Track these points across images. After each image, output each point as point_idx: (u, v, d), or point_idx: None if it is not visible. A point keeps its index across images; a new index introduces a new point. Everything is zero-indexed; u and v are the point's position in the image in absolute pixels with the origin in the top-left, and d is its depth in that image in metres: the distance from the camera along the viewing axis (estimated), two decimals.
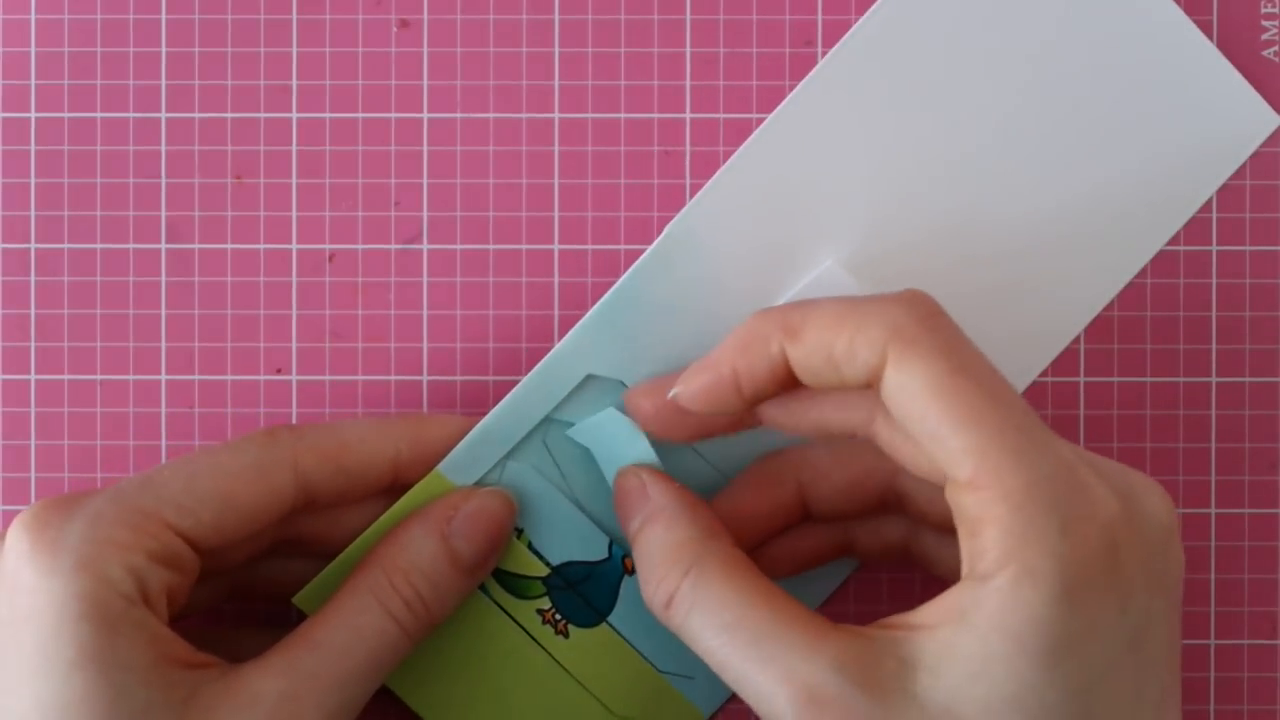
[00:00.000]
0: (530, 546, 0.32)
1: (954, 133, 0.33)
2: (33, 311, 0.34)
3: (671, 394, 0.29)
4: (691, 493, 0.30)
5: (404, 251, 0.34)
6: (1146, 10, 0.33)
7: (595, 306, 0.32)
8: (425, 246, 0.34)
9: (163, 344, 0.34)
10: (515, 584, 0.32)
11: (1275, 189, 0.34)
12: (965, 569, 0.25)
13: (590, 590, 0.32)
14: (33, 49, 0.34)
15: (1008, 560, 0.24)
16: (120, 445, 0.34)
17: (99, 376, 0.34)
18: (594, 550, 0.32)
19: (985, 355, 0.26)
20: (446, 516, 0.30)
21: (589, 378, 0.31)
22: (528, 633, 0.32)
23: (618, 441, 0.31)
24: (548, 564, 0.32)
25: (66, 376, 0.34)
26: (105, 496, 0.27)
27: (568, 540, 0.32)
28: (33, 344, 0.34)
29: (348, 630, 0.28)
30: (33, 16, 0.34)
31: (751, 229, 0.33)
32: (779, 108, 0.33)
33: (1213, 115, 0.33)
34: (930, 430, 0.25)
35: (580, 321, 0.31)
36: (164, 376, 0.34)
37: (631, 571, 0.32)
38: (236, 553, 0.30)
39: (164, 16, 0.34)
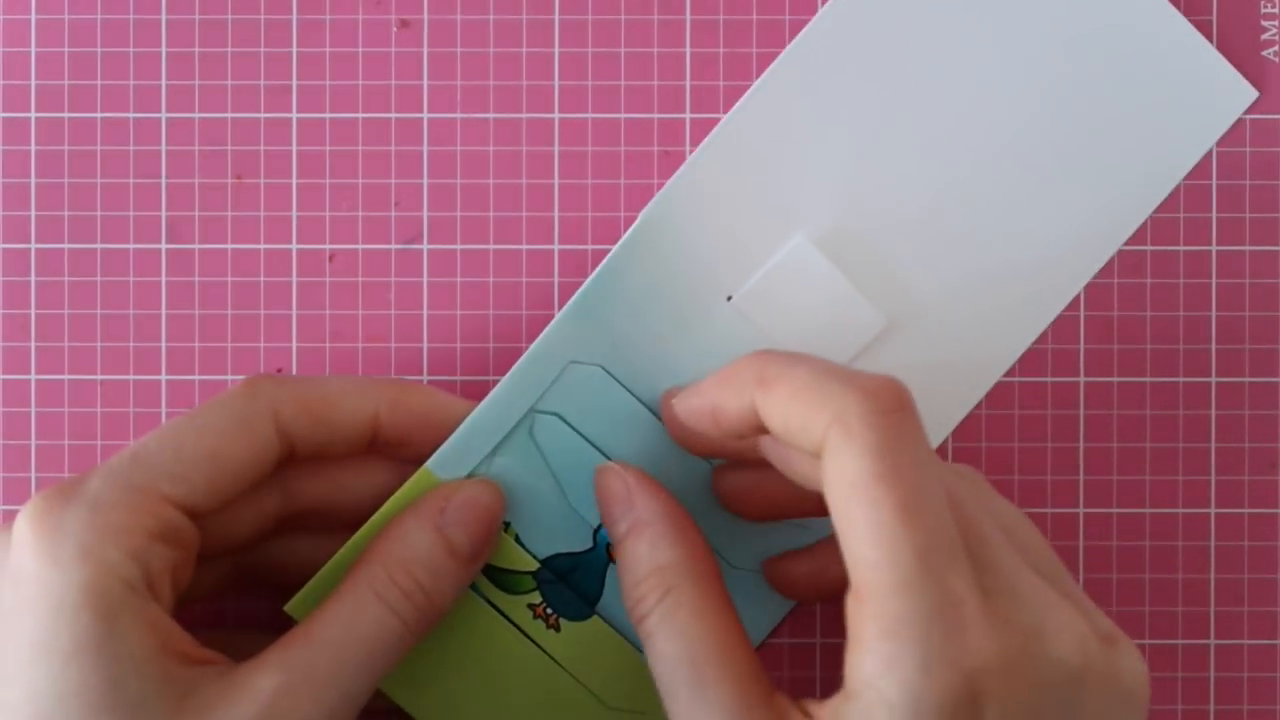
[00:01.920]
0: (518, 540, 0.32)
1: (929, 113, 0.33)
2: (33, 311, 0.34)
3: (672, 400, 0.30)
4: (677, 504, 0.30)
5: (404, 251, 0.34)
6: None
7: (574, 295, 0.32)
8: (425, 246, 0.34)
9: (163, 344, 0.34)
10: (505, 579, 0.32)
11: (1275, 189, 0.34)
12: (844, 679, 0.25)
13: (578, 580, 0.32)
14: (33, 49, 0.34)
15: (868, 685, 0.24)
16: (120, 445, 0.34)
17: (99, 376, 0.34)
18: (579, 540, 0.32)
19: (929, 462, 0.26)
20: (438, 507, 0.30)
21: (570, 364, 0.32)
22: (520, 628, 0.32)
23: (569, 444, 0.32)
24: (535, 557, 0.32)
25: (66, 376, 0.34)
26: (101, 478, 0.27)
27: (553, 532, 0.32)
28: (33, 344, 0.34)
29: (345, 625, 0.28)
30: (33, 16, 0.34)
31: (725, 212, 0.33)
32: (751, 89, 0.33)
33: (1190, 91, 0.33)
34: (840, 528, 0.25)
35: (560, 311, 0.32)
36: (164, 376, 0.34)
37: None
38: (241, 529, 0.30)
39: (164, 16, 0.34)
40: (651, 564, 0.28)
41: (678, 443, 0.31)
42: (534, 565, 0.32)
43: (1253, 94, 0.34)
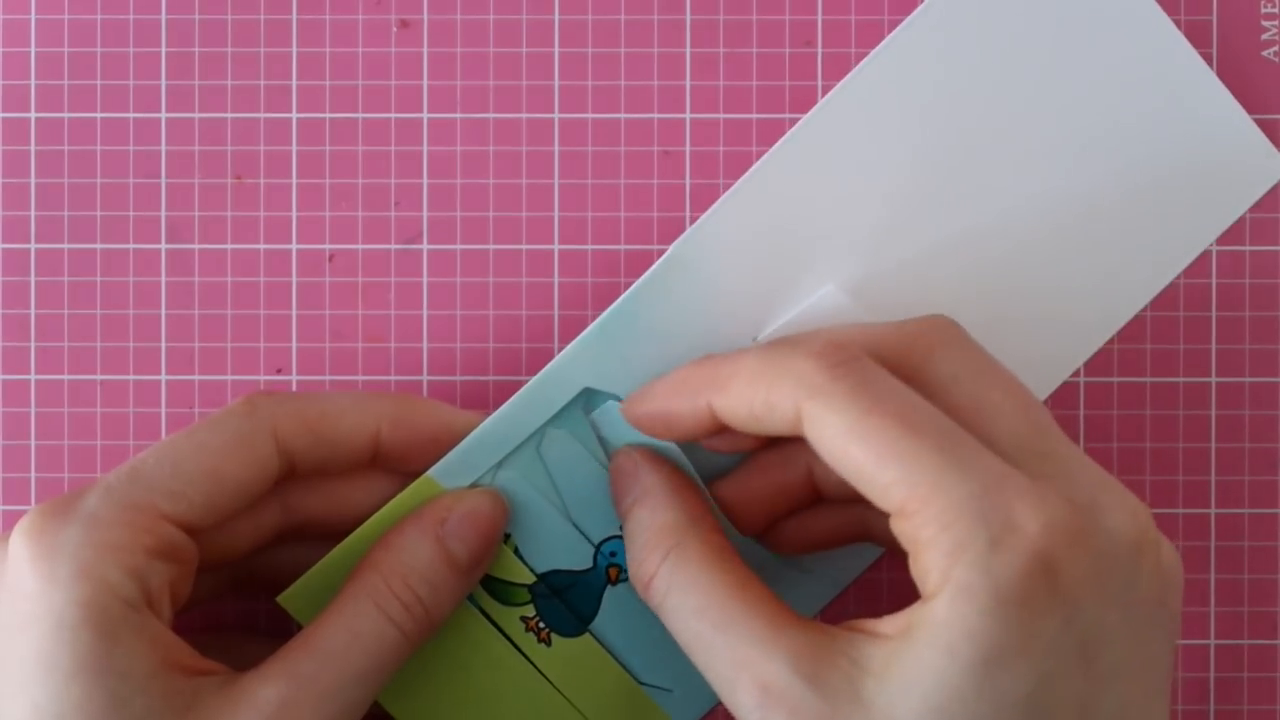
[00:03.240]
0: (517, 553, 0.32)
1: (964, 166, 0.33)
2: (33, 311, 0.34)
3: (620, 408, 0.30)
4: (681, 475, 0.30)
5: (404, 251, 0.34)
6: (1158, 46, 0.33)
7: (594, 323, 0.32)
8: (425, 246, 0.34)
9: (163, 344, 0.34)
10: (501, 590, 0.32)
11: (1275, 188, 0.34)
12: (919, 589, 0.25)
13: (574, 599, 0.32)
14: (33, 49, 0.34)
15: (944, 579, 0.24)
16: (120, 445, 0.34)
17: (99, 376, 0.34)
18: (579, 560, 0.32)
19: (901, 386, 0.26)
20: (440, 519, 0.30)
21: (585, 391, 0.31)
22: (511, 640, 0.32)
23: (625, 427, 0.31)
24: (533, 571, 0.32)
25: (66, 376, 0.34)
26: (98, 496, 0.27)
27: (554, 549, 0.32)
28: (33, 344, 0.34)
29: (346, 635, 0.28)
30: (33, 16, 0.34)
31: (752, 254, 0.32)
32: (784, 137, 0.33)
33: (1222, 156, 0.33)
34: (854, 473, 0.26)
35: (579, 336, 0.31)
36: (164, 376, 0.34)
37: (615, 582, 0.32)
38: (239, 542, 0.30)
39: (164, 16, 0.34)
40: (655, 524, 0.29)
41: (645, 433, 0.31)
42: (531, 579, 0.32)
43: None
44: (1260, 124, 0.34)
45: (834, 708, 0.25)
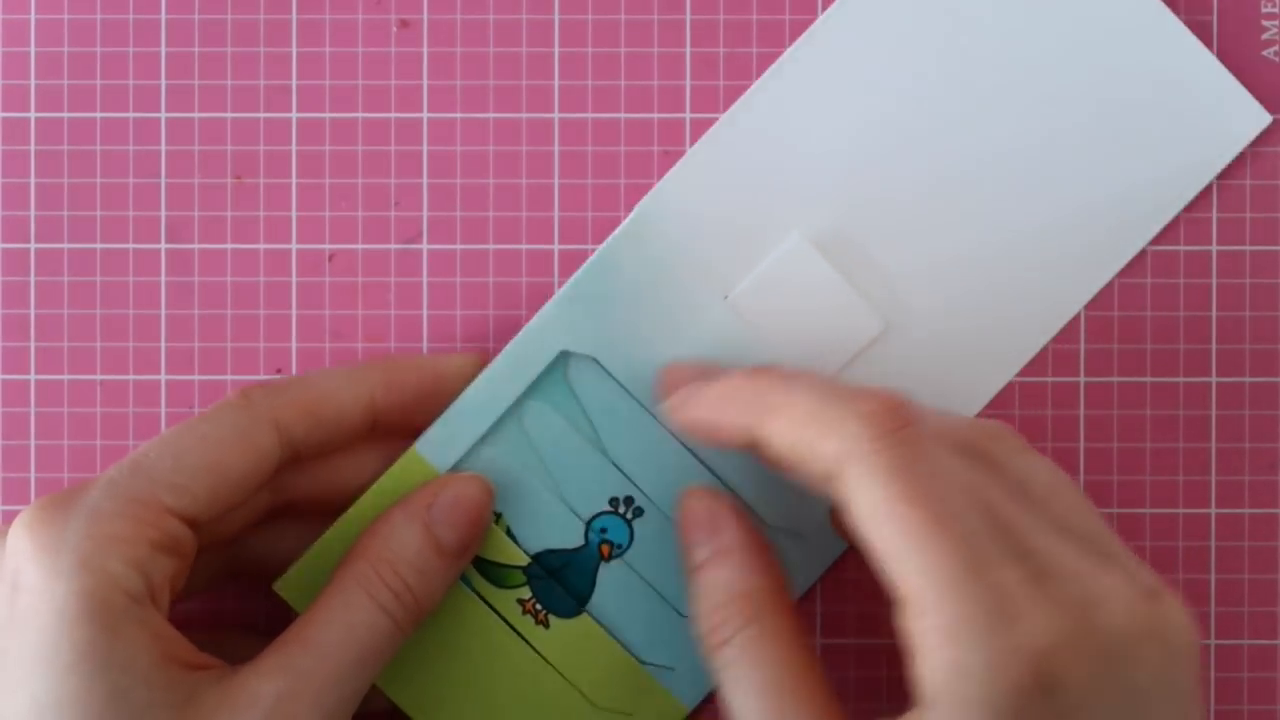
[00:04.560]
0: (510, 534, 0.32)
1: (931, 118, 0.33)
2: (32, 311, 0.34)
3: (670, 405, 0.30)
4: (758, 534, 0.30)
5: (404, 251, 0.34)
6: (1138, 9, 0.33)
7: (567, 283, 0.32)
8: (425, 246, 0.34)
9: (163, 344, 0.34)
10: (496, 573, 0.32)
11: (1275, 189, 0.34)
12: (914, 692, 0.25)
13: (569, 578, 0.32)
14: (33, 49, 0.34)
15: (940, 694, 0.24)
16: (120, 445, 0.34)
17: (99, 376, 0.34)
18: (570, 538, 0.32)
19: (947, 469, 0.26)
20: (426, 504, 0.30)
21: (563, 354, 0.32)
22: (508, 623, 0.32)
23: (605, 391, 0.31)
24: (526, 552, 0.32)
25: (66, 376, 0.34)
26: (101, 489, 0.27)
27: (545, 528, 0.32)
28: (32, 344, 0.34)
29: (340, 627, 0.28)
30: (33, 16, 0.34)
31: (722, 206, 0.33)
32: (753, 86, 0.33)
33: (1202, 113, 0.33)
34: (875, 549, 0.25)
35: (553, 298, 0.32)
36: (164, 376, 0.34)
37: (608, 559, 0.32)
38: (230, 524, 0.30)
39: (164, 16, 0.34)
40: (734, 590, 0.29)
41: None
42: (525, 560, 0.32)
43: (1265, 118, 0.33)
44: None
45: None
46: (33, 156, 0.34)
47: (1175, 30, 0.33)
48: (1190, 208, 0.34)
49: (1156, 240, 0.34)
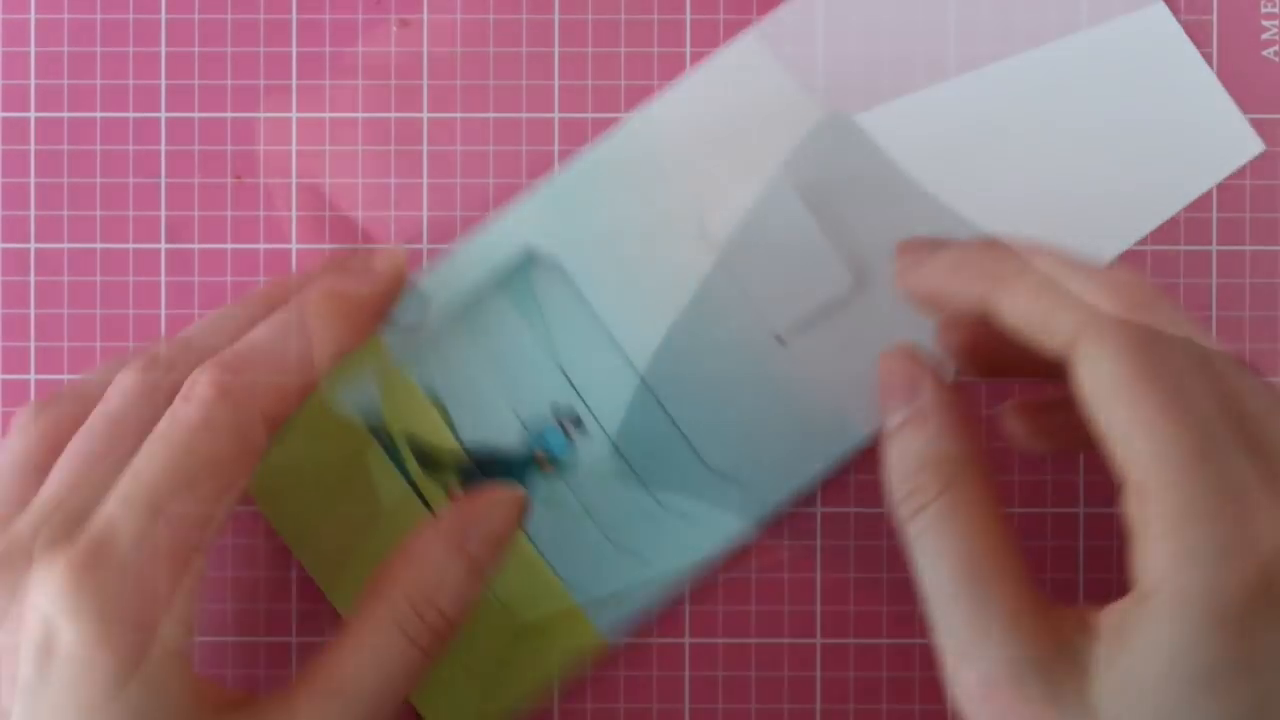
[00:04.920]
0: (450, 423, 0.32)
1: (926, 91, 0.33)
2: (32, 311, 0.34)
3: (900, 264, 0.29)
4: (960, 397, 0.28)
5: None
6: (1146, 22, 0.33)
7: (544, 182, 0.32)
8: (425, 246, 0.34)
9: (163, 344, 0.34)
10: (428, 455, 0.32)
11: (1275, 189, 0.34)
12: (1134, 579, 0.24)
13: (500, 478, 0.32)
14: (32, 49, 0.34)
15: (1164, 581, 0.23)
16: None
17: None
18: (508, 439, 0.32)
19: (1190, 352, 0.25)
20: (463, 531, 0.29)
21: (531, 257, 0.32)
22: (431, 509, 0.32)
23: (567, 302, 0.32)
24: (461, 443, 0.32)
25: (66, 376, 0.34)
26: (130, 541, 0.26)
27: (484, 423, 0.32)
28: (32, 344, 0.34)
29: (376, 672, 0.27)
30: (32, 16, 0.34)
31: (714, 136, 0.33)
32: (749, 29, 0.33)
33: (1196, 132, 0.33)
34: (1105, 430, 0.25)
35: (527, 193, 0.32)
36: None
37: (544, 468, 0.32)
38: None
39: (164, 16, 0.34)
40: (931, 456, 0.27)
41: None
42: (459, 450, 0.32)
43: (1259, 146, 0.33)
44: (1260, 124, 0.34)
45: (1059, 711, 0.24)
46: (33, 156, 0.34)
47: (1182, 48, 0.33)
48: (1190, 208, 0.34)
49: (1156, 240, 0.34)
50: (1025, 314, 0.26)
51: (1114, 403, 0.24)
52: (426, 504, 0.32)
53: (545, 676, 0.32)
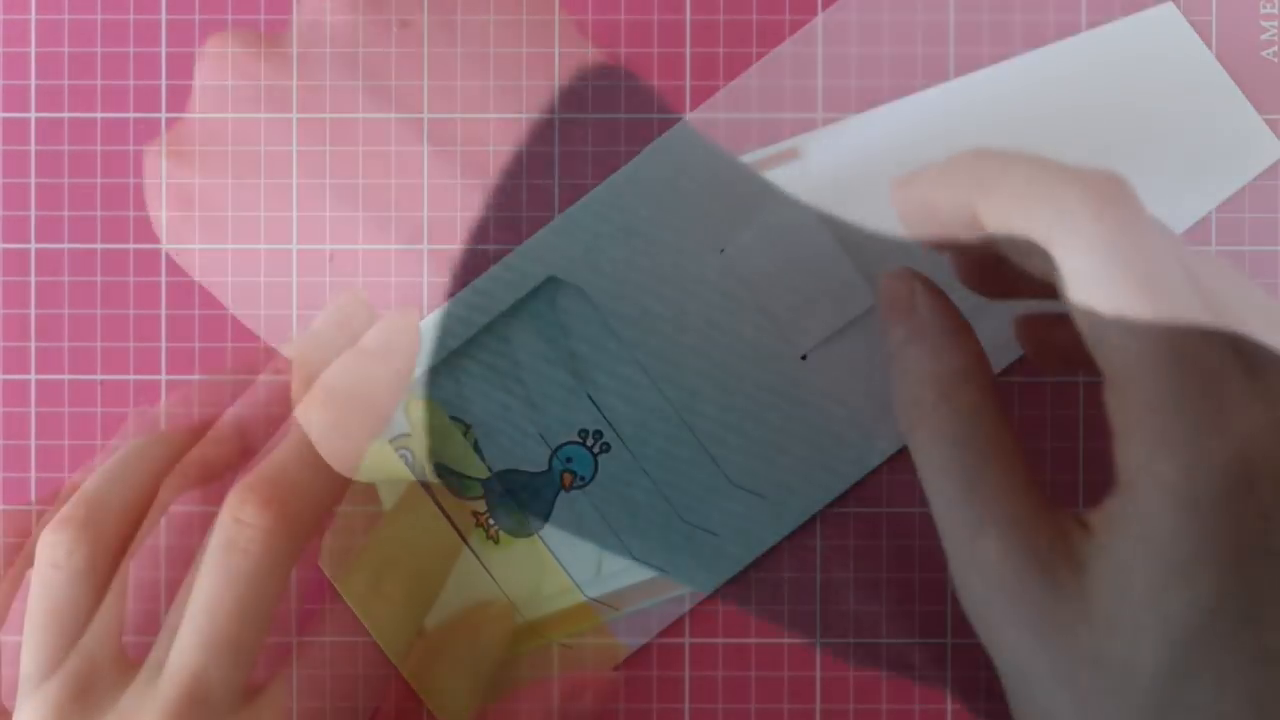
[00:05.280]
0: (476, 447, 0.32)
1: (946, 103, 0.33)
2: (33, 311, 0.34)
3: (892, 184, 0.29)
4: (957, 313, 0.29)
5: (404, 251, 0.34)
6: (1162, 28, 0.33)
7: (565, 211, 0.32)
8: (425, 246, 0.34)
9: (163, 344, 0.34)
10: (456, 482, 0.32)
11: (1275, 189, 0.34)
12: (1117, 473, 0.25)
13: (527, 500, 0.33)
14: (33, 49, 0.34)
15: (1140, 470, 0.24)
16: None
17: (99, 376, 0.34)
18: (535, 461, 0.33)
19: (1163, 244, 0.25)
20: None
21: (553, 281, 0.32)
22: (460, 532, 0.32)
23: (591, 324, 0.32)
24: (489, 468, 0.32)
25: (66, 376, 0.34)
26: (134, 694, 0.29)
27: (511, 447, 0.33)
28: (33, 344, 0.34)
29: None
30: (33, 16, 0.34)
31: (730, 160, 0.33)
32: (770, 53, 0.33)
33: (1216, 138, 0.33)
34: (1085, 318, 0.25)
35: (549, 224, 0.32)
36: (164, 376, 0.34)
37: (569, 489, 0.33)
38: None
39: (164, 16, 0.34)
40: (929, 370, 0.28)
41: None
42: (485, 474, 0.32)
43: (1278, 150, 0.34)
44: None
45: (1059, 601, 0.24)
46: (33, 156, 0.34)
47: (1201, 56, 0.33)
48: None
49: None
50: (1006, 216, 0.26)
51: (1089, 298, 0.24)
52: (455, 527, 0.32)
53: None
